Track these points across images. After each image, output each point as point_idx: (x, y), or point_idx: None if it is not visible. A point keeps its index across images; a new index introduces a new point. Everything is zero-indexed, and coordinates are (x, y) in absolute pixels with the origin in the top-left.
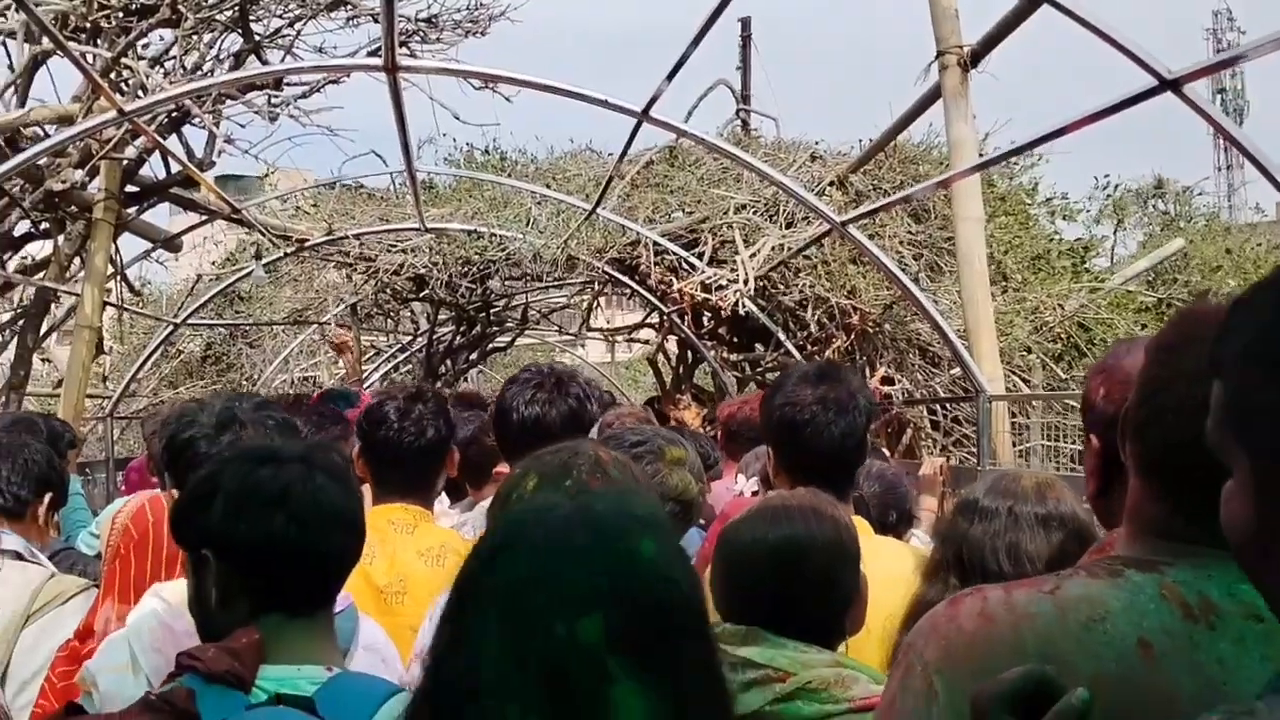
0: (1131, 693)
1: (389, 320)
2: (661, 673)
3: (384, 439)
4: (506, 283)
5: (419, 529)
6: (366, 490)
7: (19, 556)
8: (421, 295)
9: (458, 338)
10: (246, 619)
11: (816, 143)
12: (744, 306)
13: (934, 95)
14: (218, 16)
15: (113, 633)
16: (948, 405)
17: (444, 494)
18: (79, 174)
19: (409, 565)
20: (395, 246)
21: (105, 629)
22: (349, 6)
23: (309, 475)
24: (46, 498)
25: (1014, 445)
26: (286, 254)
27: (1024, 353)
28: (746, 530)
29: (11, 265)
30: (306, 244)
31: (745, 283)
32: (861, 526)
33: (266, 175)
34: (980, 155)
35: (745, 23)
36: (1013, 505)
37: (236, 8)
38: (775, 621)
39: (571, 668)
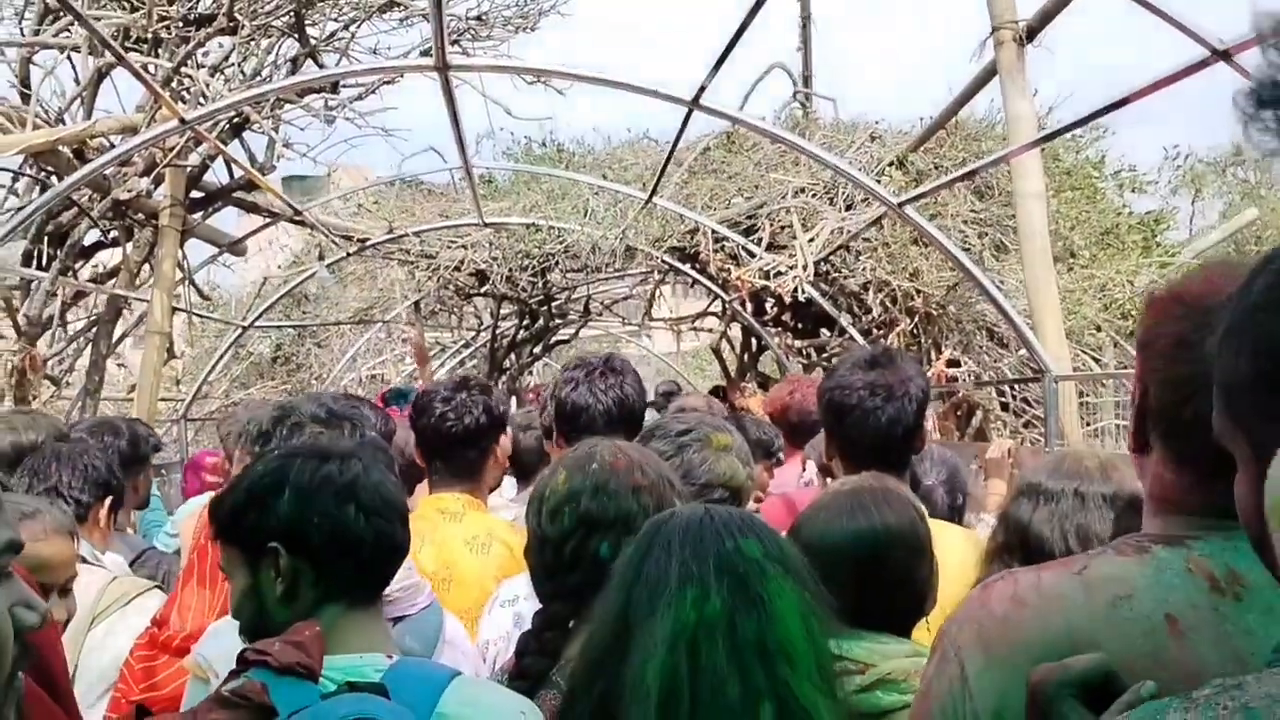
0: (1159, 668)
1: (453, 316)
2: (799, 582)
3: (426, 426)
4: (567, 275)
5: (467, 517)
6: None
7: (82, 560)
8: (483, 290)
9: (521, 331)
10: (307, 612)
11: (876, 123)
12: (803, 292)
13: (991, 71)
14: (274, 23)
15: (216, 621)
16: (1016, 386)
17: (514, 480)
18: (144, 182)
19: (455, 553)
20: (455, 242)
21: (183, 615)
22: (401, 8)
23: (367, 470)
24: (107, 501)
25: (1085, 425)
26: (349, 254)
27: (1094, 331)
28: (821, 525)
29: (84, 274)
30: (368, 243)
31: (804, 268)
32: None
33: (330, 174)
34: (1041, 129)
35: (805, 2)
36: (1079, 486)
37: (292, 13)
38: (854, 614)
39: (740, 567)
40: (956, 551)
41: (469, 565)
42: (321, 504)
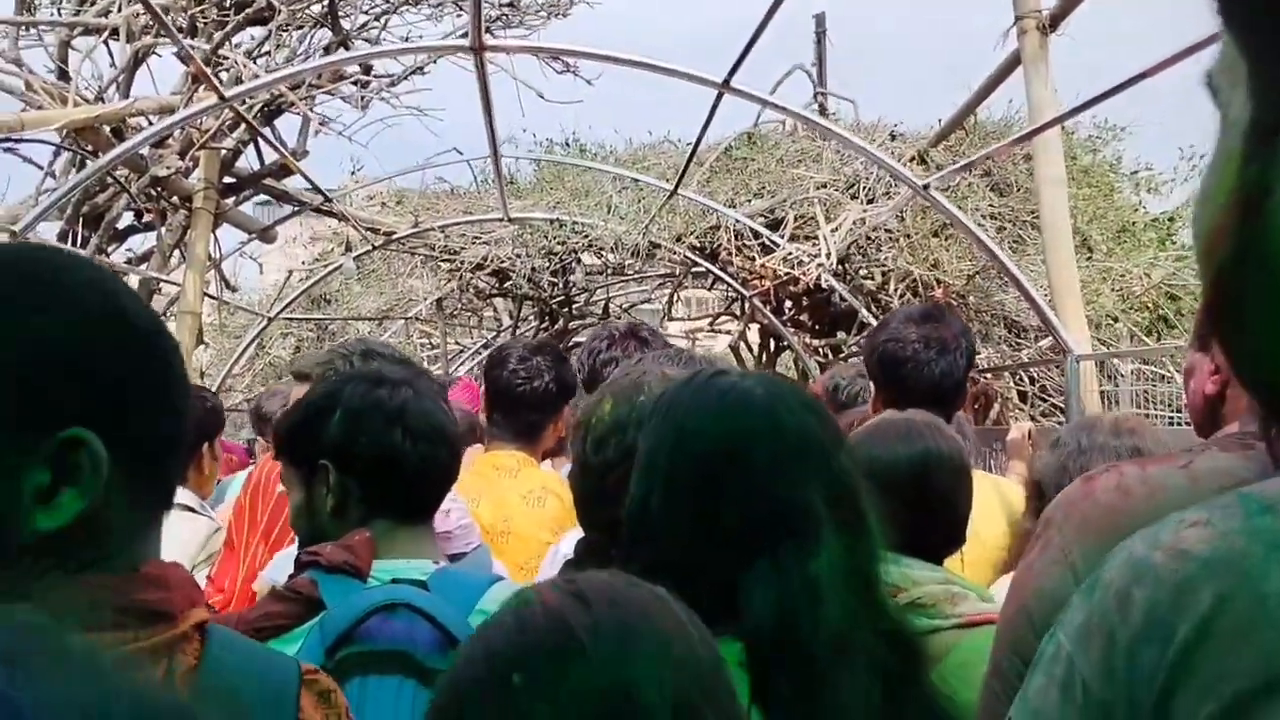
0: None
1: (474, 317)
2: None
3: (498, 378)
4: (588, 276)
5: (522, 473)
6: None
7: (189, 509)
8: (504, 288)
9: (540, 333)
10: (357, 525)
11: (896, 124)
12: (826, 281)
13: (1014, 63)
14: (308, 11)
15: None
16: (1034, 375)
17: None
18: (181, 162)
19: (512, 507)
20: (479, 238)
21: (223, 579)
22: None
23: (418, 396)
24: (204, 446)
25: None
26: (375, 247)
27: (1111, 322)
28: (876, 447)
29: (116, 258)
30: (394, 236)
31: (828, 256)
32: None
33: (355, 173)
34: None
35: (819, 19)
36: (1081, 438)
37: (326, 2)
38: (899, 538)
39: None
40: (988, 493)
41: (525, 518)
42: (369, 426)
